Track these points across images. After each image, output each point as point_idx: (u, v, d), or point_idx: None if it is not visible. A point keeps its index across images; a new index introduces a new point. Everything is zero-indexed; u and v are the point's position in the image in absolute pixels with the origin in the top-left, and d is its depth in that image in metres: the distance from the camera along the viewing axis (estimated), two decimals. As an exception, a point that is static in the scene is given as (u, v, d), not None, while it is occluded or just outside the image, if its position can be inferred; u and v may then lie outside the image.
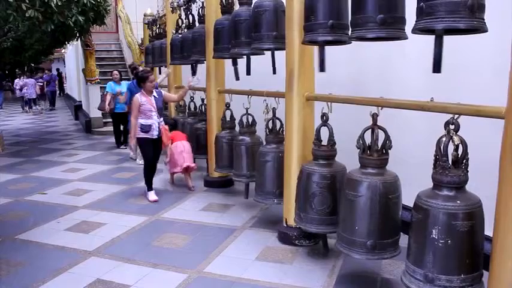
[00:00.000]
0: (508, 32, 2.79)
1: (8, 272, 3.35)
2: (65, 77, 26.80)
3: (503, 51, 2.88)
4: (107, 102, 8.26)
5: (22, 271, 3.37)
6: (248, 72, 4.35)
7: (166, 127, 5.31)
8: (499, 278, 2.08)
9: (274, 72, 4.01)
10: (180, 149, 5.51)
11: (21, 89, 17.83)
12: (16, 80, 18.88)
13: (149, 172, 5.26)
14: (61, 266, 3.41)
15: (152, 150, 5.16)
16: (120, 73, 8.76)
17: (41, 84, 18.39)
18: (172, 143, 5.53)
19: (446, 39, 2.39)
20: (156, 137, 5.08)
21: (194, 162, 5.79)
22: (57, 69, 26.30)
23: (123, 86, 8.16)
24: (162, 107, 5.36)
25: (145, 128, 5.02)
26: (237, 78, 4.47)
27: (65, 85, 27.13)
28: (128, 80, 8.52)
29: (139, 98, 5.03)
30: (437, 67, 2.30)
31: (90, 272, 3.32)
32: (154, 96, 5.13)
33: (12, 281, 3.22)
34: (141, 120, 5.01)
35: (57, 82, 17.03)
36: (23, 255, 3.65)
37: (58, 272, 3.32)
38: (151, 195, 5.19)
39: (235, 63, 4.49)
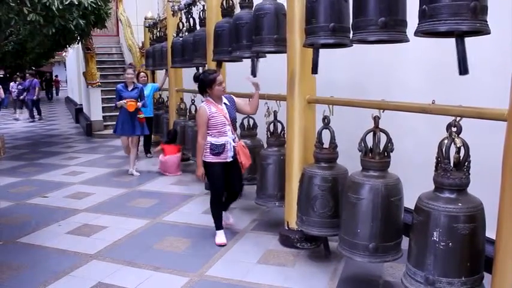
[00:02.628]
0: (508, 33, 2.80)
1: (10, 275, 3.34)
2: (66, 81, 26.76)
3: (504, 52, 2.89)
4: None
5: (23, 274, 3.36)
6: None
7: (243, 143, 3.95)
8: (501, 282, 2.07)
9: (254, 76, 3.99)
10: (170, 163, 6.58)
11: None
12: None
13: (218, 207, 3.92)
14: (62, 269, 3.41)
15: (223, 179, 3.82)
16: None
17: (19, 90, 16.73)
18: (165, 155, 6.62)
19: (446, 41, 2.39)
20: (231, 159, 3.81)
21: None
22: (47, 74, 25.81)
23: (148, 88, 7.58)
24: (236, 118, 3.98)
25: (217, 149, 3.70)
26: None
27: (56, 88, 26.82)
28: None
29: (207, 108, 3.72)
30: (463, 68, 2.22)
31: (92, 275, 3.32)
32: (225, 104, 3.86)
33: (13, 284, 3.21)
34: (210, 138, 3.73)
35: (37, 89, 16.23)
36: (25, 259, 3.65)
37: (59, 276, 3.31)
38: (219, 237, 3.86)
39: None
